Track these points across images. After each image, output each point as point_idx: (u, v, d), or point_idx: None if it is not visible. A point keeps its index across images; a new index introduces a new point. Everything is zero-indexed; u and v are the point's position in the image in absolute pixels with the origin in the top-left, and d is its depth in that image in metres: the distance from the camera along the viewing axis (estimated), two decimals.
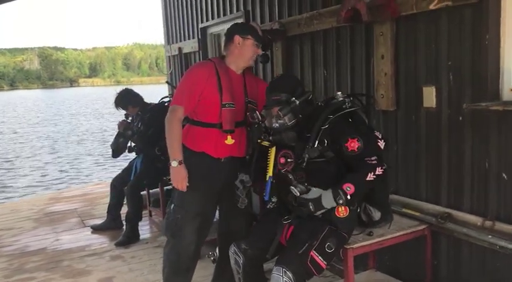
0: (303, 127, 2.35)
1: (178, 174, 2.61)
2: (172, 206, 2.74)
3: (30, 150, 15.29)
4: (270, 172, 2.45)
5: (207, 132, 2.64)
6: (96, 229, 4.65)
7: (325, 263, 2.23)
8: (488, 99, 2.28)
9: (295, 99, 2.35)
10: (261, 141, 2.50)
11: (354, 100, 2.46)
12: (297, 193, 2.25)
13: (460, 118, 2.45)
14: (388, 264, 2.97)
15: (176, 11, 6.24)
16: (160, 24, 6.82)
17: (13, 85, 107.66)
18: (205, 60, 2.99)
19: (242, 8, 4.48)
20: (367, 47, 2.99)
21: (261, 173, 2.52)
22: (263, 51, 2.77)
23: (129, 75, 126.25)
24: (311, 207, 2.24)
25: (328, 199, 2.21)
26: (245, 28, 2.78)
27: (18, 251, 4.20)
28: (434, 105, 2.58)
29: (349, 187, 2.17)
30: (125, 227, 4.38)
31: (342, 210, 2.27)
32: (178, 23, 6.23)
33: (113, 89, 4.96)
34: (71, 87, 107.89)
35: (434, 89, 2.57)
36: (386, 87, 2.83)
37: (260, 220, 2.61)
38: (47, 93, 72.79)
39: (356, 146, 2.21)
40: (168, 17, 6.55)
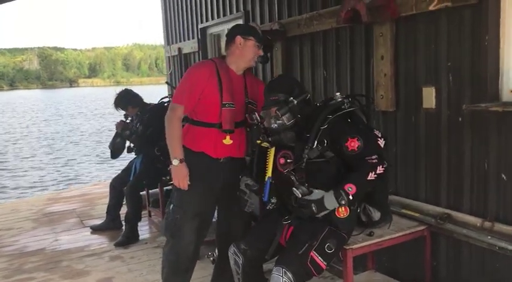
0: (302, 127, 2.35)
1: (179, 173, 2.60)
2: (172, 206, 2.74)
3: (29, 150, 15.27)
4: (268, 173, 2.46)
5: (206, 132, 2.64)
6: (96, 229, 4.65)
7: (325, 263, 2.23)
8: (487, 100, 2.28)
9: (293, 99, 2.35)
10: (260, 143, 2.49)
11: (353, 101, 2.45)
12: (299, 195, 2.25)
13: (460, 119, 2.45)
14: (387, 265, 2.97)
15: (176, 12, 6.24)
16: (160, 24, 6.82)
17: (13, 85, 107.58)
18: (206, 60, 3.00)
19: (242, 8, 4.48)
20: (367, 47, 2.99)
21: (261, 174, 2.52)
22: (264, 53, 2.76)
23: (128, 75, 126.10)
24: (314, 208, 2.23)
25: (330, 200, 2.21)
26: (247, 29, 2.79)
27: (18, 251, 4.19)
28: (433, 106, 2.58)
29: (350, 187, 2.17)
30: (124, 228, 4.38)
31: (342, 211, 2.26)
32: (178, 23, 6.22)
33: (113, 90, 4.97)
34: (71, 87, 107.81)
35: (433, 89, 2.57)
36: (386, 88, 2.83)
37: (259, 220, 2.60)
38: (46, 93, 72.76)
39: (356, 145, 2.20)
40: (168, 17, 6.55)
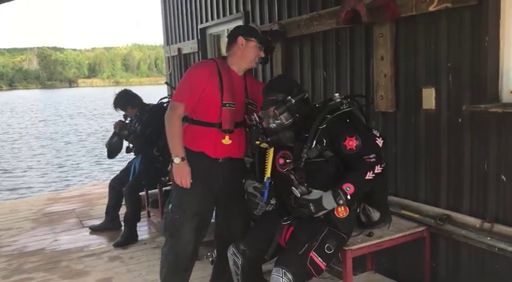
0: (300, 127, 2.35)
1: (181, 171, 2.59)
2: (170, 206, 2.74)
3: (28, 150, 15.26)
4: (267, 173, 2.46)
5: (206, 132, 2.64)
6: (95, 230, 4.65)
7: (324, 264, 2.23)
8: (487, 101, 2.28)
9: (291, 98, 2.35)
10: (259, 143, 2.49)
11: (352, 101, 2.45)
12: (298, 194, 2.25)
13: (460, 120, 2.45)
14: (387, 266, 2.97)
15: (175, 12, 6.24)
16: (159, 24, 6.82)
17: (12, 85, 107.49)
18: (208, 60, 3.00)
19: (242, 8, 4.48)
20: (367, 48, 2.99)
21: (260, 174, 2.52)
22: (265, 55, 2.76)
23: (128, 75, 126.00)
24: (312, 208, 2.23)
25: (328, 200, 2.21)
26: (249, 30, 2.80)
27: (17, 252, 4.19)
28: (433, 107, 2.58)
29: (348, 187, 2.17)
30: (123, 228, 4.38)
31: (342, 211, 2.26)
32: (177, 23, 6.22)
33: (112, 90, 4.96)
34: (70, 87, 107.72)
35: (433, 90, 2.57)
36: (385, 89, 2.83)
37: (259, 221, 2.60)
38: (45, 93, 72.71)
39: (354, 144, 2.20)
40: (168, 17, 6.55)
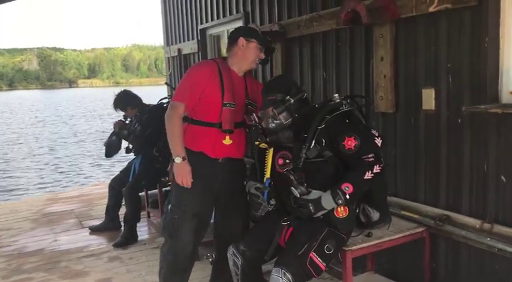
0: (300, 127, 2.35)
1: (182, 170, 2.59)
2: (170, 206, 2.74)
3: (28, 151, 15.25)
4: (267, 174, 2.46)
5: (206, 132, 2.64)
6: (94, 230, 4.64)
7: (324, 264, 2.23)
8: (487, 102, 2.28)
9: (289, 98, 2.36)
10: (258, 144, 2.50)
11: (352, 102, 2.46)
12: (298, 194, 2.25)
13: (459, 120, 2.45)
14: (386, 267, 2.97)
15: (176, 12, 6.24)
16: (159, 25, 6.82)
17: (12, 85, 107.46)
18: (208, 60, 3.00)
19: (242, 9, 4.48)
20: (367, 49, 2.99)
21: (260, 175, 2.52)
22: (265, 56, 2.76)
23: (128, 76, 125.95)
24: (311, 208, 2.24)
25: (327, 200, 2.21)
26: (250, 31, 2.81)
27: (17, 252, 4.19)
28: (433, 108, 2.58)
29: (347, 187, 2.17)
30: (123, 228, 4.38)
31: (341, 211, 2.27)
32: (177, 24, 6.23)
33: (112, 90, 4.96)
34: (70, 88, 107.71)
35: (433, 91, 2.57)
36: (385, 89, 2.83)
37: (259, 221, 2.60)
38: (45, 93, 72.70)
39: (353, 144, 2.21)
40: (168, 18, 6.55)
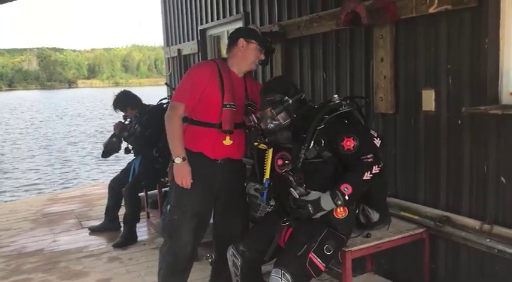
0: (299, 128, 2.35)
1: (182, 171, 2.59)
2: (169, 206, 2.73)
3: (27, 151, 15.24)
4: (266, 175, 2.46)
5: (206, 132, 2.64)
6: (94, 230, 4.64)
7: (323, 265, 2.23)
8: (487, 103, 2.28)
9: (288, 98, 2.36)
10: (258, 144, 2.50)
11: (351, 102, 2.46)
12: (297, 195, 2.25)
13: (459, 121, 2.45)
14: (386, 268, 2.97)
15: (176, 13, 6.24)
16: (159, 26, 6.83)
17: (11, 86, 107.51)
18: (208, 60, 3.00)
19: (242, 10, 4.48)
20: (367, 50, 3.00)
21: (259, 176, 2.52)
22: (265, 57, 2.77)
23: (127, 76, 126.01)
24: (310, 209, 2.24)
25: (326, 201, 2.21)
26: (250, 32, 2.81)
27: (16, 252, 4.18)
28: (433, 109, 2.58)
29: (346, 188, 2.17)
30: (122, 229, 4.37)
31: (341, 211, 2.26)
32: (177, 24, 6.23)
33: (112, 91, 4.95)
34: (70, 88, 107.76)
35: (433, 92, 2.57)
36: (385, 90, 2.83)
37: (258, 222, 2.60)
38: (45, 94, 72.69)
39: (352, 144, 2.21)
40: (168, 18, 6.56)
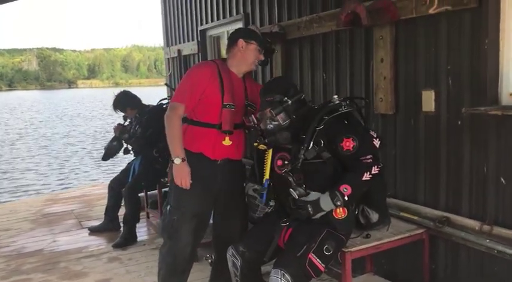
0: (298, 129, 2.36)
1: (182, 171, 2.59)
2: (169, 207, 2.73)
3: (27, 151, 15.23)
4: (266, 175, 2.46)
5: (205, 133, 2.64)
6: (94, 231, 4.64)
7: (323, 265, 2.23)
8: (487, 104, 2.29)
9: (287, 99, 2.36)
10: (257, 145, 2.50)
11: (351, 103, 2.46)
12: (296, 196, 2.26)
13: (459, 122, 2.45)
14: (386, 268, 2.97)
15: (176, 13, 6.24)
16: (159, 26, 6.83)
17: (11, 86, 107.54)
18: (208, 61, 3.00)
19: (242, 10, 4.48)
20: (367, 50, 3.00)
21: (259, 176, 2.52)
22: (265, 58, 2.77)
23: (127, 77, 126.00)
24: (310, 209, 2.23)
25: (326, 201, 2.21)
26: (249, 33, 2.81)
27: (15, 252, 4.18)
28: (433, 109, 2.58)
29: (346, 188, 2.17)
30: (122, 229, 4.37)
31: (340, 212, 2.26)
32: (177, 25, 6.23)
33: (111, 91, 4.95)
34: (69, 88, 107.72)
35: (433, 93, 2.57)
36: (385, 91, 2.83)
37: (258, 223, 2.60)
38: (45, 94, 72.65)
39: (351, 145, 2.21)
40: (168, 19, 6.55)
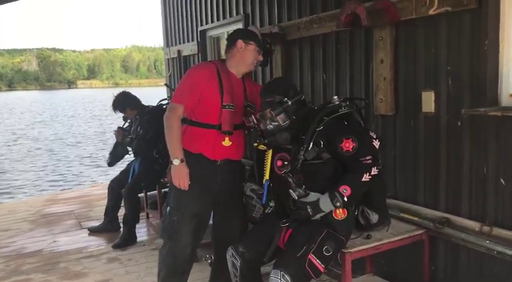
0: (298, 129, 2.36)
1: (180, 172, 2.59)
2: (168, 208, 2.73)
3: (27, 151, 15.23)
4: (266, 176, 2.46)
5: (205, 133, 2.64)
6: (93, 231, 4.64)
7: (323, 266, 2.23)
8: (487, 105, 2.29)
9: (287, 99, 2.36)
10: (257, 145, 2.50)
11: (351, 104, 2.46)
12: (296, 197, 2.26)
13: (459, 123, 2.45)
14: (386, 269, 2.97)
15: (175, 14, 6.24)
16: (159, 26, 6.83)
17: (11, 86, 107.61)
18: (207, 62, 3.00)
19: (242, 11, 4.49)
20: (367, 51, 3.00)
21: (259, 177, 2.52)
22: (264, 58, 2.77)
23: (127, 77, 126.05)
24: (309, 210, 2.24)
25: (325, 202, 2.21)
26: (248, 33, 2.82)
27: (15, 253, 4.18)
28: (433, 110, 2.58)
29: (345, 189, 2.17)
30: (122, 229, 4.37)
31: (340, 212, 2.26)
32: (177, 25, 6.23)
33: (111, 91, 4.95)
34: (69, 88, 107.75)
35: (433, 93, 2.57)
36: (385, 92, 2.83)
37: (258, 223, 2.60)
38: (44, 94, 72.66)
39: (351, 146, 2.22)
40: (168, 19, 6.56)
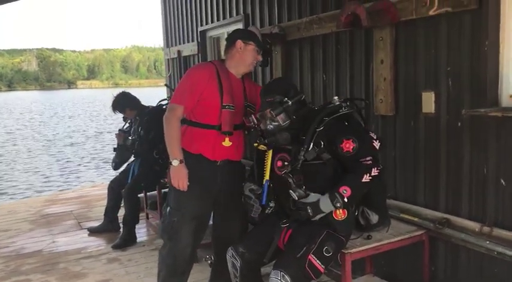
0: (299, 130, 2.36)
1: (179, 173, 2.59)
2: (168, 208, 2.73)
3: (27, 152, 15.23)
4: (266, 176, 2.46)
5: (205, 134, 2.64)
6: (93, 231, 4.64)
7: (323, 266, 2.23)
8: (487, 105, 2.29)
9: (287, 99, 2.36)
10: (257, 145, 2.50)
11: (351, 104, 2.46)
12: (296, 197, 2.26)
13: (459, 124, 2.45)
14: (386, 270, 2.96)
15: (176, 14, 6.24)
16: (159, 27, 6.83)
17: (11, 86, 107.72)
18: (207, 62, 3.00)
19: (242, 11, 4.49)
20: (367, 52, 3.00)
21: (259, 177, 2.52)
22: (263, 58, 2.77)
23: (127, 77, 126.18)
24: (309, 211, 2.23)
25: (325, 203, 2.21)
26: (247, 34, 2.82)
27: (15, 253, 4.17)
28: (433, 111, 2.58)
29: (345, 190, 2.17)
30: (121, 230, 4.37)
31: (340, 213, 2.26)
32: (177, 25, 6.23)
33: (111, 92, 4.95)
34: (69, 89, 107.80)
35: (433, 94, 2.57)
36: (385, 92, 2.83)
37: (258, 224, 2.60)
38: (44, 94, 72.66)
39: (351, 146, 2.22)
40: (168, 19, 6.56)
